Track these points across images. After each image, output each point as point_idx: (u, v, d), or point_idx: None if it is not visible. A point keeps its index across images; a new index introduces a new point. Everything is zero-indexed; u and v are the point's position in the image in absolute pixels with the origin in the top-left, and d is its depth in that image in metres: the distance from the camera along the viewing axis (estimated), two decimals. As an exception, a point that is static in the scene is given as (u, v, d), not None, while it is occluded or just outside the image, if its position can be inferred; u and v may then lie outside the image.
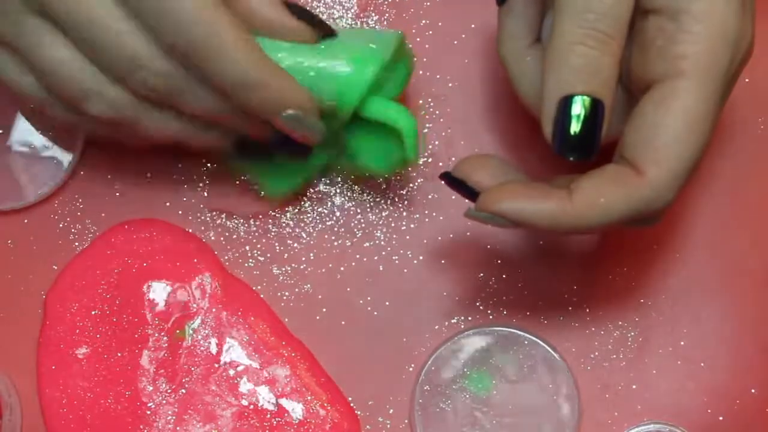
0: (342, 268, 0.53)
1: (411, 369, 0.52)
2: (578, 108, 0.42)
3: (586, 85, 0.41)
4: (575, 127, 0.42)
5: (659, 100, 0.42)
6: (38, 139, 0.54)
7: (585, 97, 0.42)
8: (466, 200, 0.46)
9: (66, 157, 0.54)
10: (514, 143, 0.54)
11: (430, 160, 0.54)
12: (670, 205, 0.43)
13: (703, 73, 0.42)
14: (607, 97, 0.42)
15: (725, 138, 0.54)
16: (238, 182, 0.54)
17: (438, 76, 0.54)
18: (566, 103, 0.42)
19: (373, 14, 0.55)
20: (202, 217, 0.53)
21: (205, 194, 0.54)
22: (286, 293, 0.53)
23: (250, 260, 0.53)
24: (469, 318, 0.52)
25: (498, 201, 0.43)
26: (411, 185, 0.54)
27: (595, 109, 0.42)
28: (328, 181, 0.54)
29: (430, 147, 0.54)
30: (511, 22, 0.47)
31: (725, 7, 0.42)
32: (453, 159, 0.53)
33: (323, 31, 0.47)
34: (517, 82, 0.48)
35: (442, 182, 0.47)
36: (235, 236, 0.53)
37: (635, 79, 0.44)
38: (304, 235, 0.53)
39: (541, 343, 0.51)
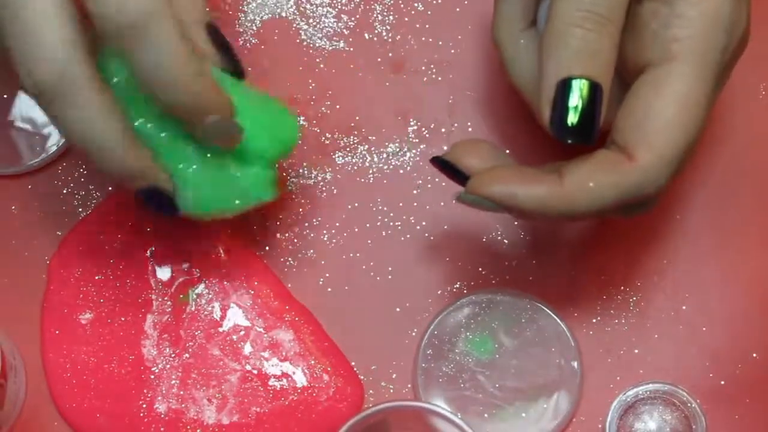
0: (345, 234, 0.53)
1: (414, 334, 0.52)
2: (576, 91, 0.41)
3: (584, 68, 0.41)
4: (573, 112, 0.41)
5: (652, 84, 0.42)
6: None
7: (583, 81, 0.41)
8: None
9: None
10: (515, 110, 0.54)
11: (432, 125, 0.54)
12: (663, 192, 0.43)
13: (696, 57, 0.42)
14: (606, 80, 0.42)
15: (729, 102, 0.54)
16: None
17: (440, 43, 0.55)
18: (564, 86, 0.41)
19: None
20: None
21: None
22: (289, 259, 0.53)
23: (254, 226, 0.53)
24: (472, 283, 0.53)
25: (488, 184, 0.43)
26: (414, 151, 0.54)
27: (594, 92, 0.41)
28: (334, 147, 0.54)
29: (433, 114, 0.54)
30: (507, 4, 0.47)
31: None
32: (455, 125, 0.54)
33: (234, 68, 0.46)
34: (511, 65, 0.47)
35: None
36: (238, 201, 0.53)
37: (628, 63, 0.44)
38: (306, 201, 0.53)
39: (543, 307, 0.51)
